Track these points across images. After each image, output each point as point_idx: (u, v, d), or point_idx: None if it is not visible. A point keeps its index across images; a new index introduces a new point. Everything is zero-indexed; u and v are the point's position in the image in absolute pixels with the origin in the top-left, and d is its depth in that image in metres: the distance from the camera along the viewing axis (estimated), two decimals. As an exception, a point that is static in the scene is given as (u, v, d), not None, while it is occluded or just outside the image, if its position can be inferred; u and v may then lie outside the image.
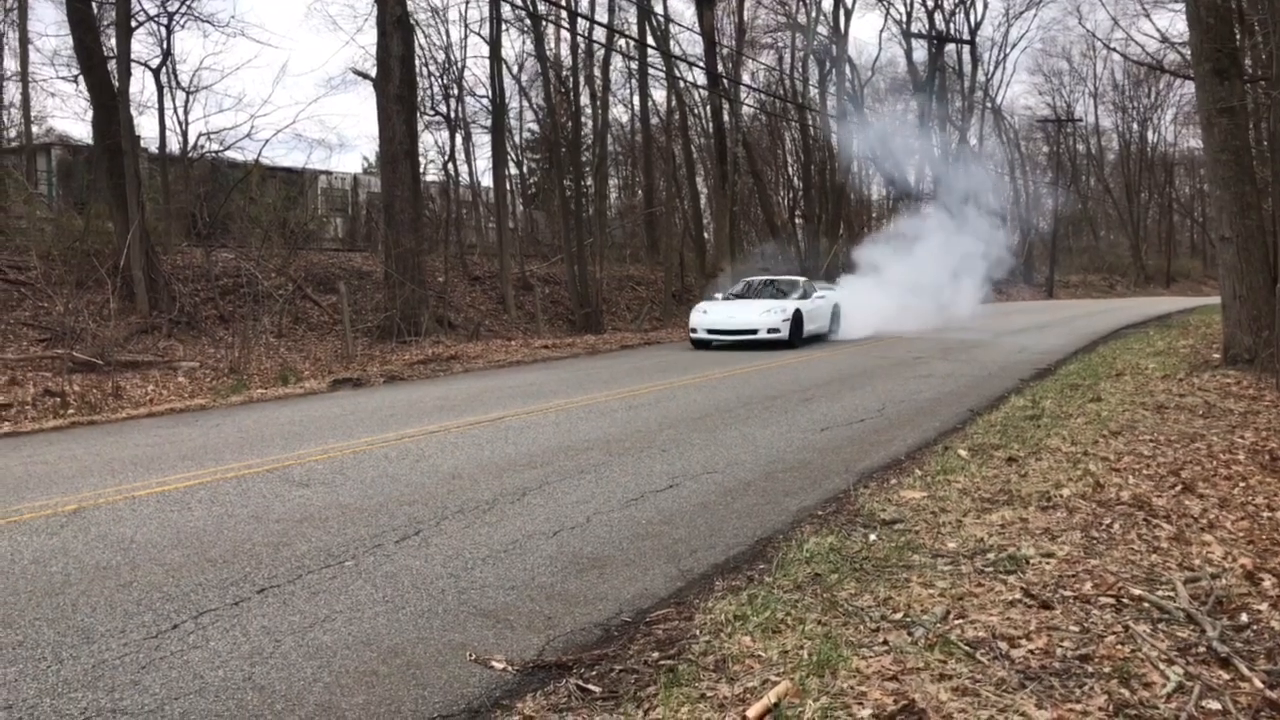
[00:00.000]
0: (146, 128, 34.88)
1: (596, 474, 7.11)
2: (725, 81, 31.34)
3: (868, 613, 4.09)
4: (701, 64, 32.33)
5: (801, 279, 22.08)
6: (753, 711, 3.18)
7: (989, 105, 58.58)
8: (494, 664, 3.71)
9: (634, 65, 32.57)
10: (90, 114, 19.19)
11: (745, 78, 37.95)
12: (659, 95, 36.02)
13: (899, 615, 4.07)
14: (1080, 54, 60.98)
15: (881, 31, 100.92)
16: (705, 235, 36.71)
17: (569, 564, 4.95)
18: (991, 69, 58.71)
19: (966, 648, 3.69)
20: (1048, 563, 4.72)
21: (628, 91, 38.07)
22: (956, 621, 3.98)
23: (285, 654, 3.77)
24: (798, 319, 18.91)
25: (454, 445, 8.38)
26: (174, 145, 26.14)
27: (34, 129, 28.14)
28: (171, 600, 4.38)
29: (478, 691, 3.48)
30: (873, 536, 5.30)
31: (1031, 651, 3.68)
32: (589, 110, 29.28)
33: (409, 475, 7.11)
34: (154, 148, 25.20)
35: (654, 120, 34.87)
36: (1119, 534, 5.20)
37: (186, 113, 31.40)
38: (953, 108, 52.19)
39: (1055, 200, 56.65)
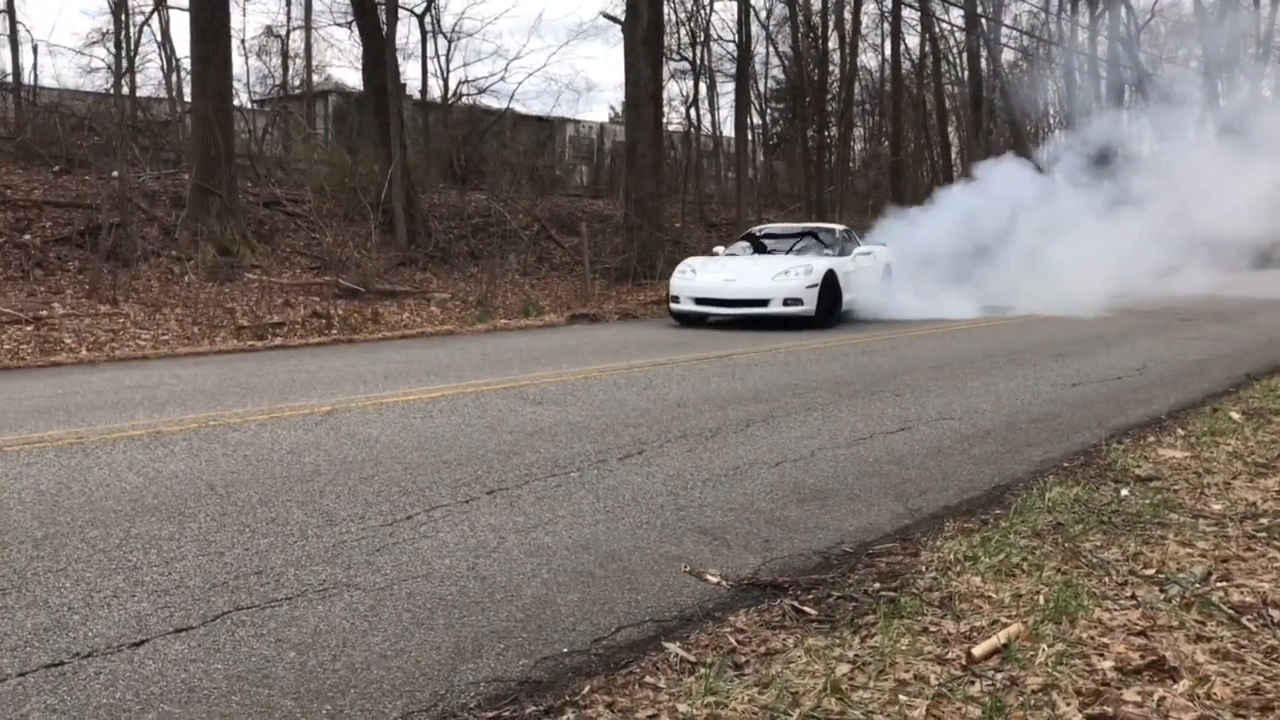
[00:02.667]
0: (410, 75, 36.94)
1: (824, 412, 6.92)
2: (984, 23, 29.63)
3: (1114, 566, 3.74)
4: (959, 4, 30.67)
5: (839, 228, 16.31)
6: (979, 649, 2.97)
7: (1290, 50, 52.43)
8: (708, 577, 3.66)
9: (887, 7, 31.34)
10: (361, 60, 20.51)
11: (1007, 20, 35.71)
12: (911, 42, 34.56)
13: (1150, 571, 3.69)
14: None
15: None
16: (954, 188, 35.07)
17: (790, 493, 4.83)
18: (1296, 8, 52.44)
19: (1230, 611, 3.30)
20: (1336, 534, 4.16)
21: (877, 36, 36.71)
22: (1219, 584, 3.57)
23: (508, 550, 3.87)
24: (830, 285, 13.31)
25: (681, 377, 8.41)
26: (435, 92, 27.59)
27: (315, 77, 30.43)
28: (407, 494, 4.61)
29: (690, 601, 3.44)
30: (1125, 491, 4.86)
31: (1312, 624, 3.24)
32: (835, 57, 28.49)
33: (636, 401, 7.20)
34: (417, 94, 26.70)
35: (904, 65, 33.50)
36: None
37: (448, 60, 33.02)
38: (1245, 54, 47.09)
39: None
